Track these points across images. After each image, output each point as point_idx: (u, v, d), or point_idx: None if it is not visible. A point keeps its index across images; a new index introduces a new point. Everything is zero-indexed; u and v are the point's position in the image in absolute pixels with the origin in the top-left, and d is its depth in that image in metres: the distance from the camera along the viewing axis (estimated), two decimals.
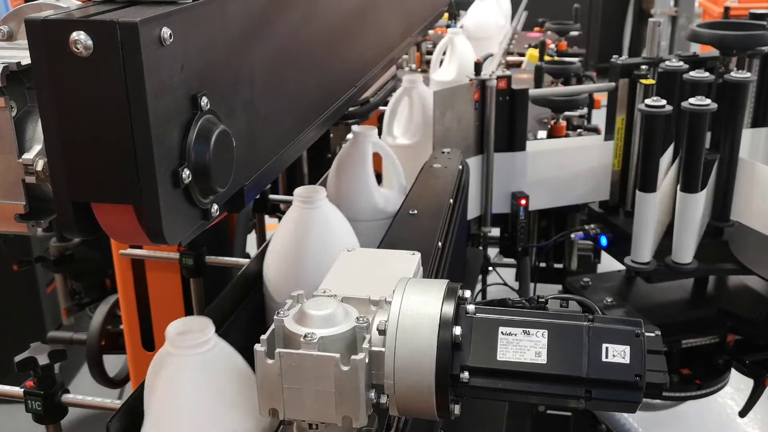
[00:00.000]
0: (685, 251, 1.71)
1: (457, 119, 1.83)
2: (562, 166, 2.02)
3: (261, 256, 1.30)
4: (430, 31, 2.86)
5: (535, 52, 2.84)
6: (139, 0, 0.66)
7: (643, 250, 1.73)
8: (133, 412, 0.95)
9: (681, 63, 1.79)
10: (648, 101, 1.66)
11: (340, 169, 1.52)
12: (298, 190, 1.23)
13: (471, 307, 0.76)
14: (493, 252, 2.24)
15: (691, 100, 1.61)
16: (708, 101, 1.61)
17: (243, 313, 1.20)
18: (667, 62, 1.81)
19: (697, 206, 1.67)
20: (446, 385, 0.73)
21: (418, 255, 0.95)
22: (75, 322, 2.35)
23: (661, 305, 1.91)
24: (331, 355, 0.71)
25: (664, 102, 1.65)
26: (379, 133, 1.71)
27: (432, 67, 2.45)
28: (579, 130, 2.32)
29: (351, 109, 1.88)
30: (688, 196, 1.67)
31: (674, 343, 1.81)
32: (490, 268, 2.18)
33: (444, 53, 2.41)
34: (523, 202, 1.95)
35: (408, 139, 1.86)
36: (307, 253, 1.20)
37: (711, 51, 1.91)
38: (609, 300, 1.88)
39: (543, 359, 0.73)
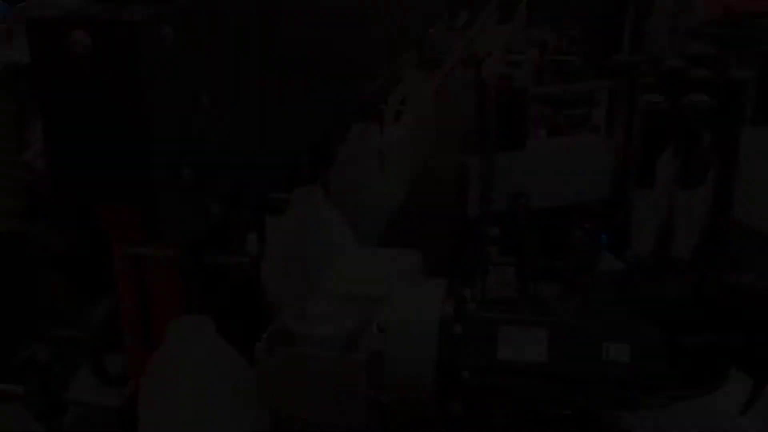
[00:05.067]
0: (683, 247, 1.71)
1: (456, 118, 1.83)
2: (563, 164, 2.01)
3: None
4: (430, 30, 2.85)
5: (535, 50, 2.83)
6: None
7: (642, 245, 1.73)
8: (133, 412, 0.95)
9: (681, 61, 1.79)
10: (646, 97, 1.66)
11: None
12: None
13: (471, 306, 0.76)
14: (493, 251, 2.24)
15: (689, 96, 1.62)
16: (705, 98, 1.61)
17: None
18: (667, 60, 1.81)
19: (695, 202, 1.68)
20: (446, 384, 0.73)
21: (418, 254, 0.95)
22: (75, 322, 2.35)
23: (662, 304, 1.91)
24: (331, 354, 0.71)
25: (661, 98, 1.65)
26: None
27: (386, 120, 1.75)
28: (579, 129, 2.31)
29: (350, 108, 1.87)
30: (687, 193, 1.67)
31: (674, 342, 1.81)
32: (490, 267, 2.17)
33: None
34: (523, 201, 1.94)
35: None
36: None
37: (711, 49, 1.91)
38: (609, 299, 1.87)
39: (543, 358, 0.73)
